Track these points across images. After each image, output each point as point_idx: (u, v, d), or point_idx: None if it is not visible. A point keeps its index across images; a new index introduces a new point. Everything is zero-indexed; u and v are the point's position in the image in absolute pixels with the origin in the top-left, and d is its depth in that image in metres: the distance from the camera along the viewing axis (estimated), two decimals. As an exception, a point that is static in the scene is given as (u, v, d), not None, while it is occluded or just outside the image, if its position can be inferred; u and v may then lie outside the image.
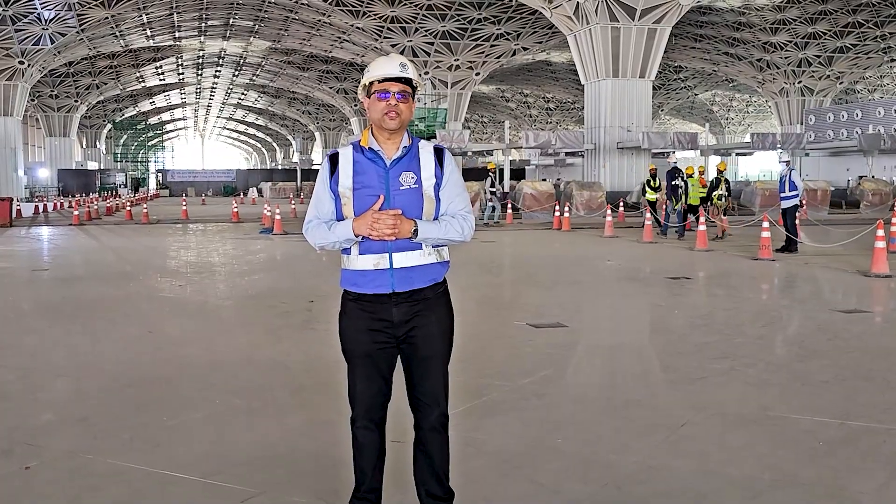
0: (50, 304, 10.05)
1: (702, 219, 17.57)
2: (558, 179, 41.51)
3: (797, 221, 16.53)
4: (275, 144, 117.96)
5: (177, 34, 53.45)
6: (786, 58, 49.71)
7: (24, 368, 6.59)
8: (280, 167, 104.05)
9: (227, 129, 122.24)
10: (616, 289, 11.63)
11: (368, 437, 3.43)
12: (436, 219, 3.28)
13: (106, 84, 65.51)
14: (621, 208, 26.08)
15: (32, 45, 45.68)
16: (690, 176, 20.94)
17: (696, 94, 72.57)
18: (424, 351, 3.33)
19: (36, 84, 54.45)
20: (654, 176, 22.69)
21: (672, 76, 64.66)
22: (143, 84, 71.02)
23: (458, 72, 49.49)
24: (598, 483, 4.08)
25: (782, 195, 16.54)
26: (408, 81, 3.25)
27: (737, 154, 41.50)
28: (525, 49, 49.55)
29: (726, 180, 20.69)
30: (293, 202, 36.37)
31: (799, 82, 51.23)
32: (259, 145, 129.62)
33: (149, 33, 51.64)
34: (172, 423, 5.07)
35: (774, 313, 9.42)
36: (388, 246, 3.20)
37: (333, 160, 3.32)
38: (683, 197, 20.45)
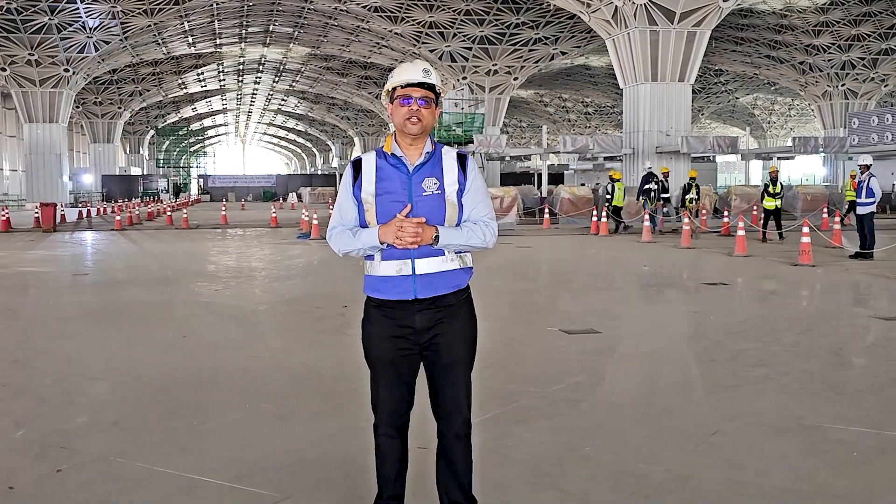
0: (88, 309, 10.20)
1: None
2: (597, 184, 41.27)
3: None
4: (314, 149, 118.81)
5: (218, 41, 54.06)
6: (829, 60, 48.95)
7: (61, 373, 6.69)
8: (319, 172, 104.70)
9: (268, 134, 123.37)
10: (651, 295, 11.53)
11: (391, 444, 3.43)
12: (458, 225, 3.27)
13: (149, 91, 66.45)
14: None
15: (77, 52, 46.51)
16: (666, 176, 24.27)
17: (737, 98, 71.73)
18: (447, 358, 3.32)
19: (80, 91, 55.41)
20: (666, 177, 24.33)
21: (713, 80, 64.00)
22: (184, 91, 71.92)
23: (496, 77, 49.40)
24: (626, 492, 4.03)
25: (859, 201, 16.20)
26: (430, 87, 3.25)
27: (778, 158, 40.85)
28: (563, 53, 49.34)
29: (697, 186, 23.14)
30: (331, 207, 36.51)
31: (842, 85, 50.41)
32: (299, 150, 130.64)
33: (190, 40, 52.29)
34: (202, 427, 5.11)
35: (812, 320, 9.26)
36: (411, 252, 3.19)
37: (356, 166, 3.33)
38: (656, 199, 23.59)
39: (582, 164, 48.77)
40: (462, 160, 3.33)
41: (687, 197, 22.84)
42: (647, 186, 23.59)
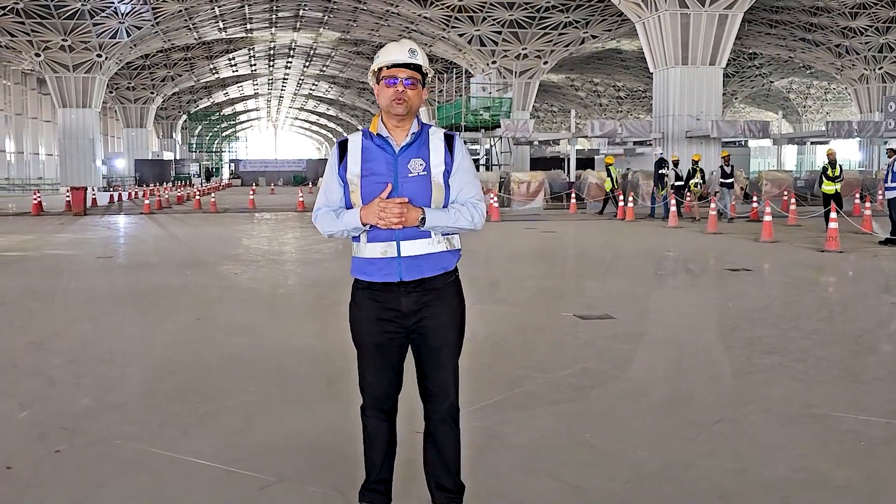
0: (109, 292, 10.28)
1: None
2: (627, 169, 40.91)
3: None
4: (345, 134, 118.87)
5: (248, 26, 54.23)
6: (866, 43, 48.02)
7: (74, 354, 6.74)
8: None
9: (299, 119, 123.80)
10: (672, 280, 11.40)
11: (378, 426, 3.40)
12: (445, 206, 3.22)
13: (181, 76, 66.89)
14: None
15: (109, 38, 46.92)
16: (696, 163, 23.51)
17: (771, 82, 70.68)
18: (434, 341, 3.27)
19: (113, 76, 55.89)
20: (727, 162, 23.56)
21: (746, 63, 63.09)
22: (216, 76, 72.31)
23: (526, 61, 49.07)
24: (622, 480, 3.97)
25: (886, 185, 15.90)
26: (417, 68, 3.19)
27: (812, 143, 40.23)
28: (594, 37, 48.87)
29: (701, 170, 23.40)
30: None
31: (880, 68, 49.44)
32: (330, 135, 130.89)
33: (221, 25, 52.50)
34: (204, 410, 5.11)
35: (834, 307, 9.10)
36: (396, 234, 3.15)
37: (342, 147, 3.29)
38: (669, 185, 23.66)
39: (613, 149, 48.36)
40: (449, 140, 3.27)
41: (691, 182, 23.22)
42: (660, 172, 23.98)
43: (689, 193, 23.17)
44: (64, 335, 7.60)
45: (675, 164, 24.38)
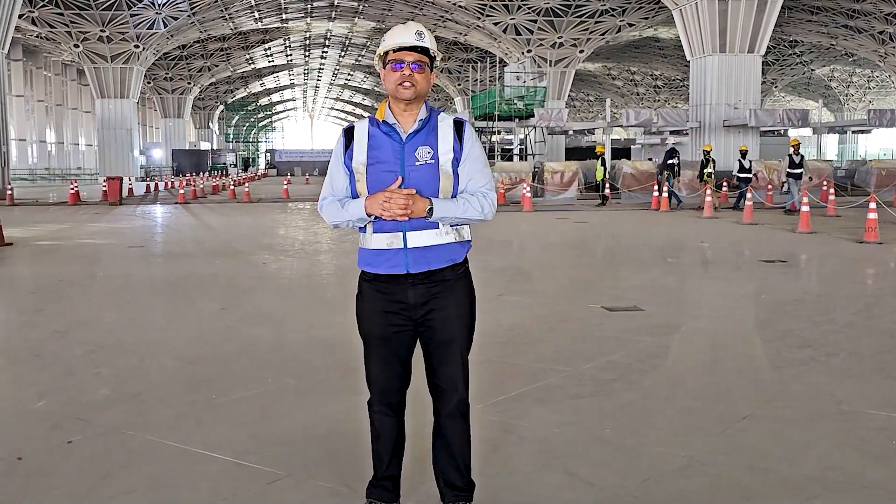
0: (136, 281, 10.31)
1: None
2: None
3: None
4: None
5: (284, 16, 54.37)
6: (910, 30, 46.99)
7: (95, 344, 6.73)
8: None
9: (335, 109, 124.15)
10: (704, 272, 11.20)
11: (385, 422, 3.31)
12: (454, 196, 3.11)
13: (217, 66, 67.29)
14: (724, 188, 25.19)
15: (147, 29, 47.29)
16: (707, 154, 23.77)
17: (812, 70, 69.41)
18: (442, 335, 3.17)
19: (151, 67, 56.42)
20: (744, 155, 23.32)
21: (787, 51, 62.02)
22: (252, 66, 72.67)
23: (562, 49, 48.67)
24: (639, 477, 3.84)
25: None
26: (424, 51, 3.09)
27: (853, 132, 39.48)
28: (631, 25, 48.32)
29: (713, 160, 23.73)
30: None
31: (924, 56, 48.40)
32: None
33: (257, 16, 52.69)
34: (220, 401, 5.06)
35: (870, 300, 8.86)
36: (402, 225, 3.05)
37: (348, 134, 3.19)
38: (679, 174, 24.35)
39: (649, 139, 47.84)
40: (459, 127, 3.16)
41: (705, 171, 23.34)
42: (670, 161, 23.91)
43: (702, 184, 23.30)
44: (89, 324, 7.61)
45: (743, 154, 23.54)
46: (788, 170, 22.00)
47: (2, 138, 29.36)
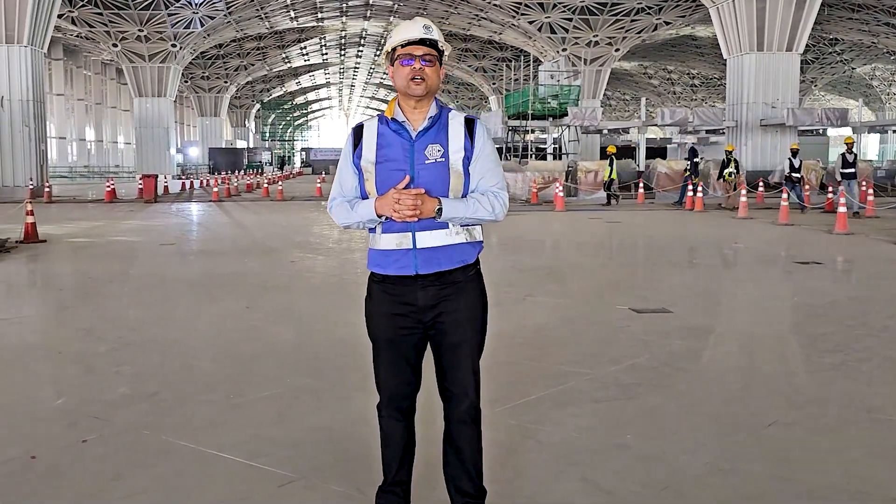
0: (164, 279, 10.35)
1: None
2: (701, 158, 39.96)
3: None
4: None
5: (319, 15, 54.57)
6: (954, 27, 46.05)
7: (118, 342, 6.74)
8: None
9: (371, 108, 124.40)
10: (737, 273, 11.00)
11: (394, 426, 3.23)
12: (465, 195, 3.03)
13: (253, 65, 67.73)
14: (761, 188, 24.86)
15: (184, 28, 47.72)
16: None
17: (853, 69, 68.26)
18: (452, 338, 3.09)
19: (188, 66, 56.96)
20: (795, 154, 22.63)
21: (827, 49, 61.05)
22: (288, 65, 73.06)
23: (597, 48, 48.33)
24: (658, 486, 3.74)
25: None
26: (433, 44, 3.00)
27: (894, 131, 38.73)
28: (667, 24, 47.84)
29: (735, 160, 24.09)
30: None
31: (969, 54, 47.38)
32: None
33: (292, 15, 52.95)
34: (237, 401, 5.02)
35: (907, 303, 8.63)
36: (412, 225, 2.97)
37: (357, 133, 3.11)
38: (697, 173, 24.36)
39: (685, 138, 47.36)
40: (470, 125, 3.07)
41: (725, 171, 23.67)
42: (694, 160, 24.43)
43: (723, 183, 23.80)
44: (114, 322, 7.63)
45: (794, 153, 23.08)
46: (841, 170, 21.46)
47: (41, 137, 29.72)
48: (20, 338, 7.15)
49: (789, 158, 22.76)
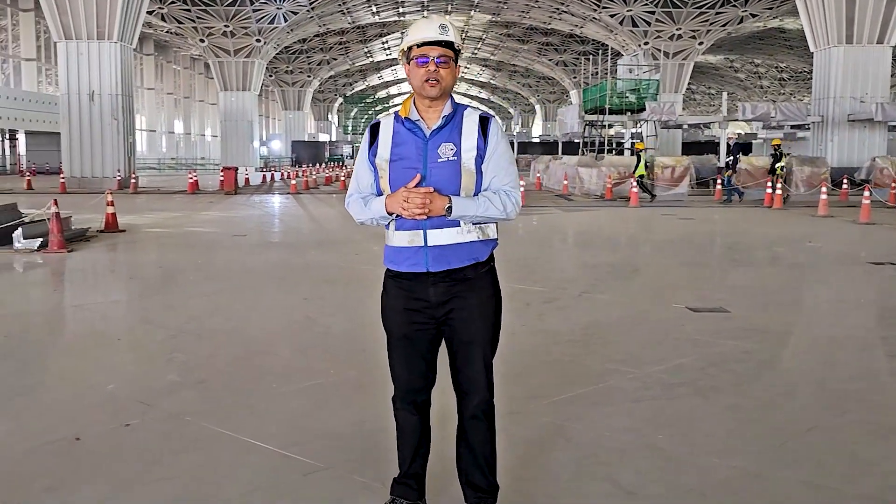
0: (230, 270, 10.60)
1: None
2: (787, 154, 38.86)
3: None
4: (497, 117, 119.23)
5: (400, 9, 54.92)
6: None
7: (177, 330, 6.96)
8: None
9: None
10: (804, 273, 10.71)
11: (408, 420, 3.29)
12: (477, 193, 3.05)
13: (336, 59, 68.56)
14: (844, 186, 24.09)
15: (268, 23, 48.58)
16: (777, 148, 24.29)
17: (951, 61, 65.45)
18: (464, 335, 3.13)
19: (272, 60, 57.99)
20: (778, 150, 23.84)
21: (923, 42, 58.66)
22: (370, 59, 73.72)
23: (680, 41, 47.44)
24: (683, 488, 3.70)
25: None
26: (449, 45, 3.04)
27: None
28: (754, 16, 46.66)
29: (784, 154, 24.33)
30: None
31: None
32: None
33: (374, 9, 53.41)
34: (279, 391, 5.14)
35: (982, 308, 8.28)
36: (423, 222, 3.01)
37: (374, 131, 3.17)
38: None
39: (772, 133, 46.14)
40: (484, 124, 3.10)
41: (778, 165, 23.65)
42: (737, 156, 24.67)
43: (776, 177, 23.48)
44: (175, 310, 7.87)
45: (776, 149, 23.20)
46: None
47: (129, 130, 30.68)
48: (85, 324, 7.45)
49: (773, 154, 23.94)
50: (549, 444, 4.24)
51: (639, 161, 24.77)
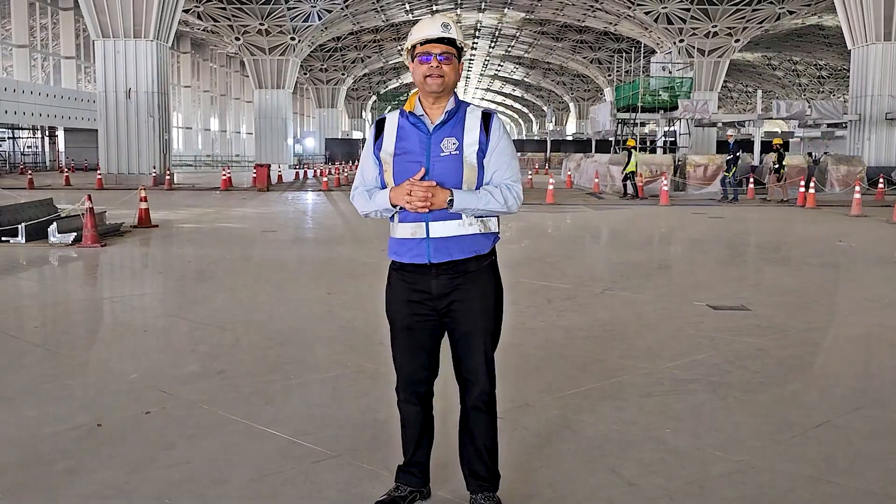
0: (257, 264, 10.78)
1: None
2: (825, 153, 38.45)
3: None
4: (531, 115, 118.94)
5: (434, 7, 55.03)
6: None
7: (201, 322, 7.10)
8: (525, 137, 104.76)
9: (486, 100, 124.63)
10: (831, 272, 10.64)
11: (410, 410, 3.38)
12: (479, 187, 3.13)
13: (370, 57, 68.91)
14: (880, 185, 23.79)
15: (302, 22, 49.00)
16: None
17: None
18: (465, 326, 3.21)
19: (307, 58, 58.41)
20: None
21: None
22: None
23: (716, 39, 47.08)
24: (683, 480, 3.75)
25: None
26: (451, 42, 3.12)
27: None
28: (791, 13, 46.18)
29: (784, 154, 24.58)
30: (531, 173, 36.67)
31: None
32: (516, 116, 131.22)
33: (407, 7, 53.60)
34: (296, 381, 5.25)
35: None
36: (426, 215, 3.10)
37: (379, 125, 3.26)
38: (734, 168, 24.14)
39: (809, 132, 45.60)
40: (486, 120, 3.18)
41: (784, 163, 24.11)
42: (737, 155, 24.55)
43: (776, 175, 24.05)
44: (201, 303, 8.03)
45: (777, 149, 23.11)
46: None
47: (164, 127, 31.11)
48: (114, 316, 7.63)
49: (776, 154, 24.12)
50: (555, 437, 4.30)
51: (629, 158, 24.78)
